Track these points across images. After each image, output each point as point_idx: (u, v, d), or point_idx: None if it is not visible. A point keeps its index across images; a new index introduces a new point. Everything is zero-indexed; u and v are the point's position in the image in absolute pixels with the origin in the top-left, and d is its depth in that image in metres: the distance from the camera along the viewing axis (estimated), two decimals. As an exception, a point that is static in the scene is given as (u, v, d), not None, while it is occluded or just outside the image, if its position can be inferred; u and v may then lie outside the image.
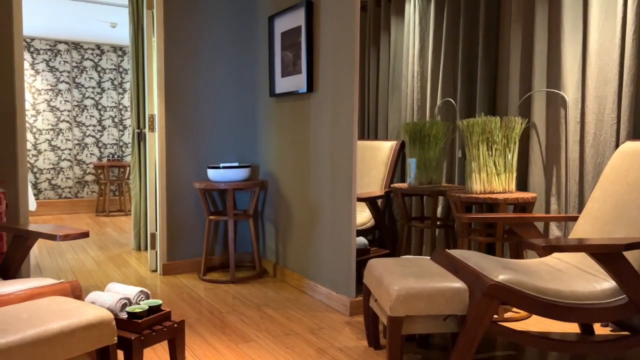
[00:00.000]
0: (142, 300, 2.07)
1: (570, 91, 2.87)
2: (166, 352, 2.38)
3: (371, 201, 3.36)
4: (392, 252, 3.59)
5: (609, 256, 1.84)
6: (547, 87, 3.01)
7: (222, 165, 3.56)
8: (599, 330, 2.62)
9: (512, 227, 2.64)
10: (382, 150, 3.77)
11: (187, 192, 3.80)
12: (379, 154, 3.77)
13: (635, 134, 2.58)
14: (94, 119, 7.28)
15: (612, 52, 2.65)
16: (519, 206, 2.89)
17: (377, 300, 2.23)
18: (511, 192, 2.94)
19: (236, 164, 3.59)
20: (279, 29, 3.53)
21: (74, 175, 7.18)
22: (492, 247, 3.21)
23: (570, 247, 1.79)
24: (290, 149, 3.50)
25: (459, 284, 2.00)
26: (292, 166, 3.49)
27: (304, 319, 2.81)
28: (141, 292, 2.08)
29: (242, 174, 3.57)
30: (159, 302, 2.05)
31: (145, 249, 4.59)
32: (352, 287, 2.89)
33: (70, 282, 1.95)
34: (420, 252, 3.72)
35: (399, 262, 2.28)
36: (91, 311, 1.68)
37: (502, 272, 1.96)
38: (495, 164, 2.91)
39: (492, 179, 2.91)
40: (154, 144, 3.78)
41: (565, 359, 2.32)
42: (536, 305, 1.90)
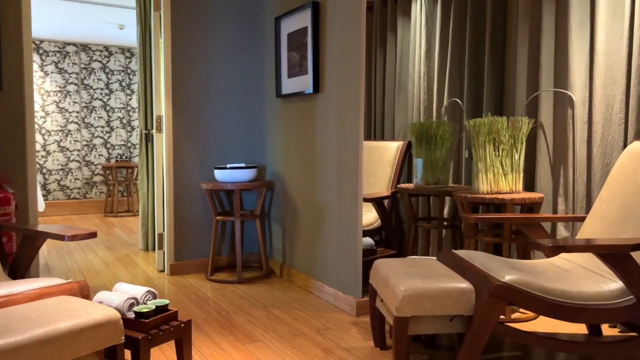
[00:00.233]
0: (150, 300, 2.09)
1: (577, 91, 2.86)
2: (173, 352, 2.39)
3: (378, 202, 3.35)
4: (398, 253, 3.59)
5: (616, 257, 1.83)
6: (554, 87, 3.00)
7: (229, 165, 3.57)
8: (607, 331, 2.61)
9: (519, 228, 2.63)
10: (388, 150, 3.77)
11: (194, 192, 3.82)
12: (385, 154, 3.77)
13: (643, 134, 2.56)
14: (102, 120, 7.33)
15: (620, 52, 2.64)
16: (526, 206, 2.88)
17: (383, 300, 2.23)
18: (518, 192, 2.93)
19: (243, 165, 3.61)
20: (285, 30, 3.54)
21: (82, 176, 7.23)
22: (499, 247, 3.20)
23: (577, 247, 1.79)
24: (296, 150, 3.51)
25: (465, 285, 1.99)
26: (298, 167, 3.49)
27: (310, 319, 2.82)
28: (148, 292, 2.09)
29: (248, 174, 3.58)
30: (166, 302, 2.06)
31: (153, 249, 4.62)
32: (359, 287, 2.90)
33: (78, 282, 1.96)
34: (427, 252, 3.72)
35: (405, 263, 2.28)
36: (99, 311, 1.69)
37: (509, 272, 1.96)
38: (502, 164, 2.90)
39: (499, 179, 2.90)
40: (162, 145, 3.80)
41: (572, 360, 2.31)
42: (543, 305, 1.90)
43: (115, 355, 1.73)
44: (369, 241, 3.37)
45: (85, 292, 1.94)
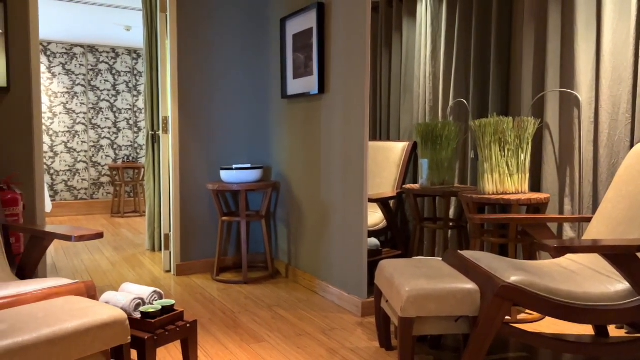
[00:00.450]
0: (156, 300, 2.10)
1: (583, 91, 2.85)
2: (179, 352, 2.41)
3: (383, 202, 3.35)
4: (404, 253, 3.58)
5: (622, 257, 1.82)
6: (560, 87, 2.99)
7: (234, 166, 3.58)
8: (614, 332, 2.60)
9: (525, 228, 2.62)
10: (394, 151, 3.77)
11: (200, 193, 3.83)
12: (391, 154, 3.77)
13: (650, 134, 2.55)
14: (109, 121, 7.36)
15: (627, 52, 2.63)
16: (532, 207, 2.87)
17: (388, 301, 2.23)
18: (524, 193, 2.92)
19: (248, 166, 3.62)
20: (291, 31, 3.55)
21: (89, 176, 7.27)
22: (505, 248, 3.19)
23: (583, 248, 1.78)
24: (302, 150, 3.51)
25: (470, 285, 1.99)
26: (303, 167, 3.50)
27: (315, 320, 2.82)
28: (155, 292, 2.10)
29: (254, 175, 3.59)
30: (172, 302, 2.07)
31: (159, 249, 4.64)
32: (364, 288, 2.90)
33: (85, 282, 1.97)
34: (432, 253, 3.71)
35: (410, 263, 2.28)
36: (105, 311, 1.70)
37: (514, 273, 1.95)
38: (508, 165, 2.89)
39: (505, 180, 2.89)
40: (168, 146, 3.82)
41: (579, 361, 2.30)
42: (548, 306, 1.89)
43: (121, 355, 1.75)
44: (374, 242, 3.37)
45: (92, 293, 1.95)
